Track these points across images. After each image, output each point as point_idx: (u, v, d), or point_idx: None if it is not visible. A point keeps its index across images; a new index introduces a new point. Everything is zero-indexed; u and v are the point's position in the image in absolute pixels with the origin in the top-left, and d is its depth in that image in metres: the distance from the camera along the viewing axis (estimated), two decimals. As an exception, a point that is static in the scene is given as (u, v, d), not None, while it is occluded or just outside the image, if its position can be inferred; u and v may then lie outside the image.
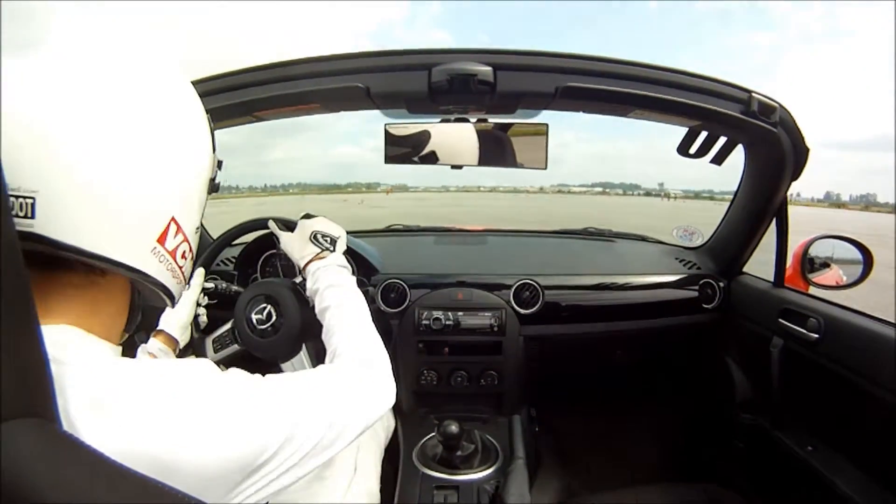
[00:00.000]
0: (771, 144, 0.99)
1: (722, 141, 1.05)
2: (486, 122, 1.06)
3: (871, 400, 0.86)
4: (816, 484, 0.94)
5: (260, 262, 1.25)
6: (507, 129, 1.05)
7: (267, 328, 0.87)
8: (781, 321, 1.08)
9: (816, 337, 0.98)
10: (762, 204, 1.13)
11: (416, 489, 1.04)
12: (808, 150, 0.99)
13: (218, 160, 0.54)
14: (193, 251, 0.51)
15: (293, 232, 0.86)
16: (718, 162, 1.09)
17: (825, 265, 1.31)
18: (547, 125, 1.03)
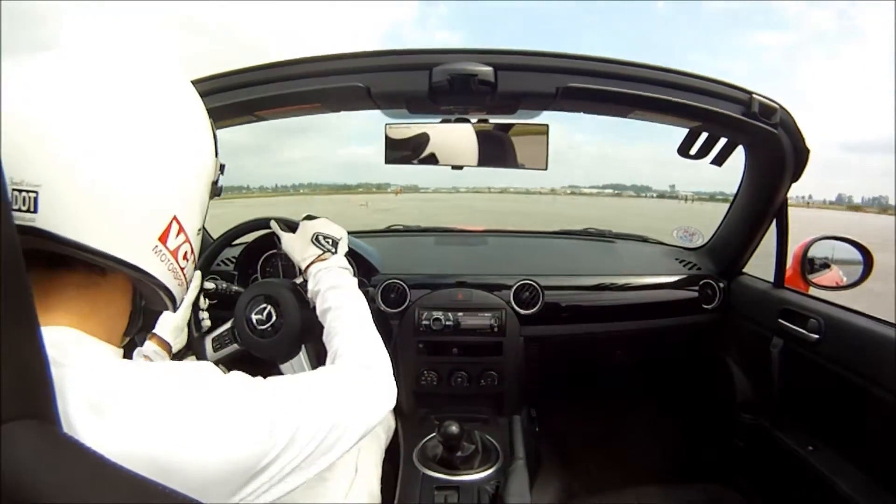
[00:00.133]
0: (771, 146, 0.99)
1: (722, 142, 1.05)
2: (486, 122, 1.05)
3: (871, 400, 0.86)
4: (817, 484, 0.94)
5: (260, 262, 1.24)
6: (507, 129, 1.05)
7: (267, 328, 0.86)
8: (781, 322, 1.08)
9: (816, 337, 0.98)
10: (762, 205, 1.13)
11: (416, 490, 1.04)
12: (808, 151, 0.99)
13: (220, 164, 0.55)
14: (195, 253, 0.51)
15: (295, 233, 0.86)
16: (719, 163, 1.09)
17: (825, 266, 1.31)
18: (547, 125, 1.03)
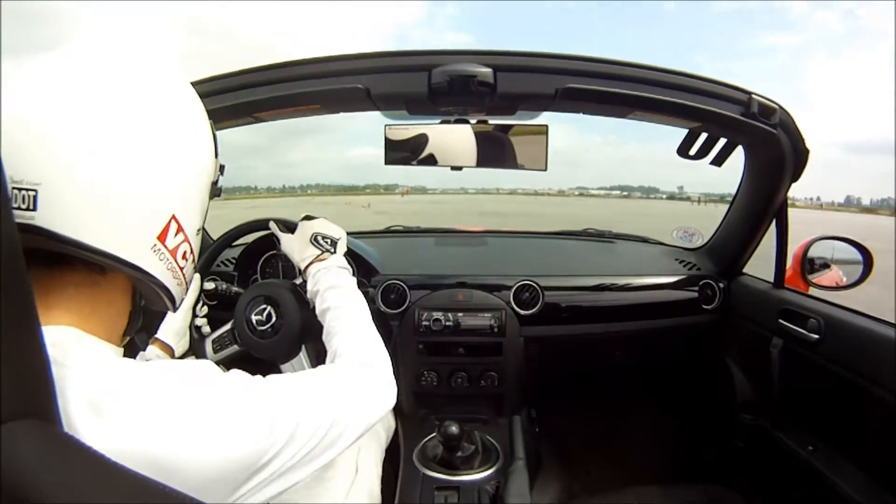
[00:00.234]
0: (771, 146, 0.99)
1: (722, 142, 1.05)
2: (486, 123, 1.06)
3: (871, 400, 0.86)
4: (817, 484, 0.94)
5: (260, 263, 1.25)
6: (507, 130, 1.05)
7: (267, 329, 0.87)
8: (781, 322, 1.08)
9: (816, 337, 0.98)
10: (762, 205, 1.13)
11: (416, 490, 1.04)
12: (808, 151, 0.99)
13: (221, 164, 0.55)
14: (195, 254, 0.51)
15: (294, 233, 0.86)
16: (718, 163, 1.09)
17: (825, 266, 1.31)
18: (546, 126, 1.03)
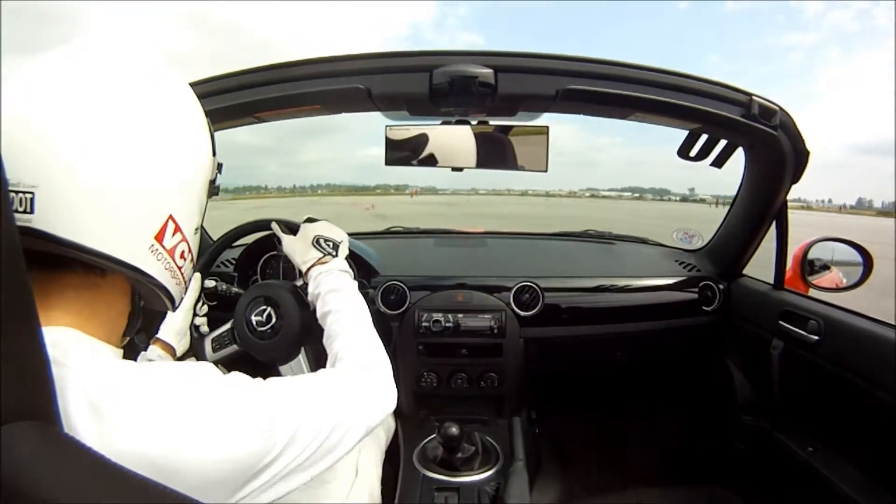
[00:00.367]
0: (771, 147, 0.99)
1: (722, 144, 1.06)
2: (486, 124, 1.06)
3: (871, 401, 0.86)
4: (817, 485, 0.94)
5: (260, 263, 1.25)
6: (507, 131, 1.05)
7: (266, 330, 0.86)
8: (781, 323, 1.08)
9: (817, 339, 0.98)
10: (762, 207, 1.13)
11: (416, 491, 1.04)
12: (808, 153, 1.00)
13: (218, 163, 0.55)
14: (193, 253, 0.51)
15: (296, 235, 0.86)
16: (719, 165, 1.09)
17: (825, 267, 1.31)
18: (547, 127, 1.04)
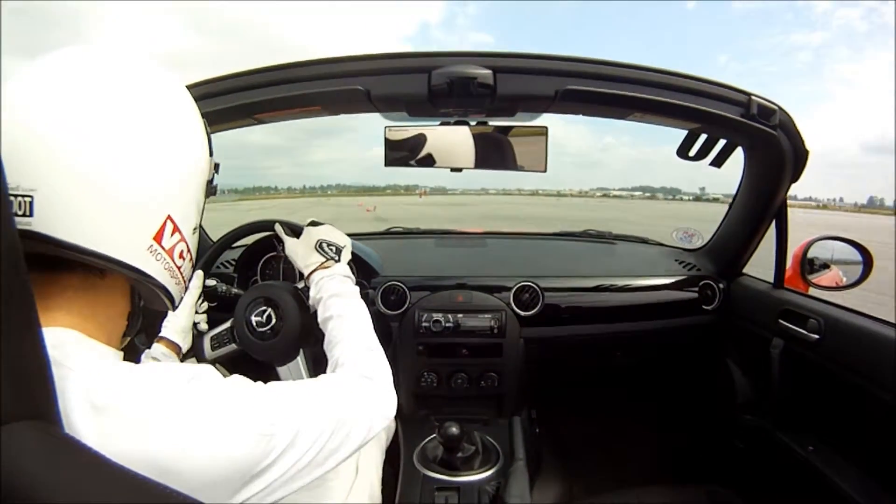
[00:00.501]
0: (771, 147, 0.99)
1: (721, 143, 1.06)
2: (485, 124, 1.06)
3: (871, 400, 0.86)
4: (817, 484, 0.94)
5: (260, 264, 1.25)
6: (506, 131, 1.05)
7: (266, 331, 0.87)
8: (781, 322, 1.08)
9: (817, 338, 0.98)
10: (762, 206, 1.13)
11: (416, 491, 1.04)
12: (807, 152, 0.99)
13: (215, 163, 0.55)
14: (192, 253, 0.52)
15: (299, 238, 0.86)
16: (718, 164, 1.09)
17: (825, 266, 1.31)
18: (546, 127, 1.04)
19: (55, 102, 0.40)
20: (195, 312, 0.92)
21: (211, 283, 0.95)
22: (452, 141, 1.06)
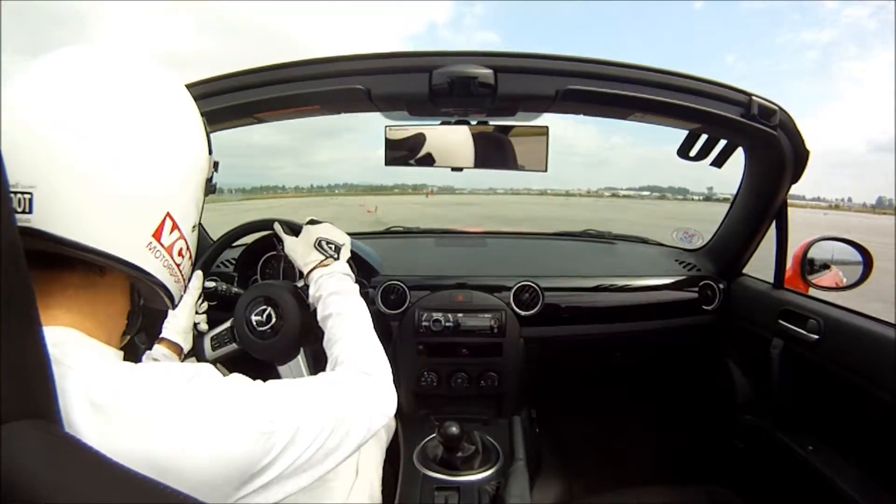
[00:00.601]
0: (771, 147, 0.99)
1: (722, 144, 1.06)
2: (486, 124, 1.06)
3: (871, 400, 0.86)
4: (817, 484, 0.94)
5: (260, 263, 1.25)
6: (507, 131, 1.05)
7: (266, 330, 0.87)
8: (781, 322, 1.08)
9: (816, 338, 0.98)
10: (762, 206, 1.13)
11: (416, 490, 1.04)
12: (808, 152, 1.00)
13: (214, 161, 0.55)
14: (191, 251, 0.52)
15: (298, 236, 0.86)
16: (719, 164, 1.09)
17: (825, 267, 1.31)
18: (547, 127, 1.04)
19: (55, 101, 0.40)
20: (195, 313, 0.92)
21: (210, 284, 0.95)
22: (452, 140, 1.06)
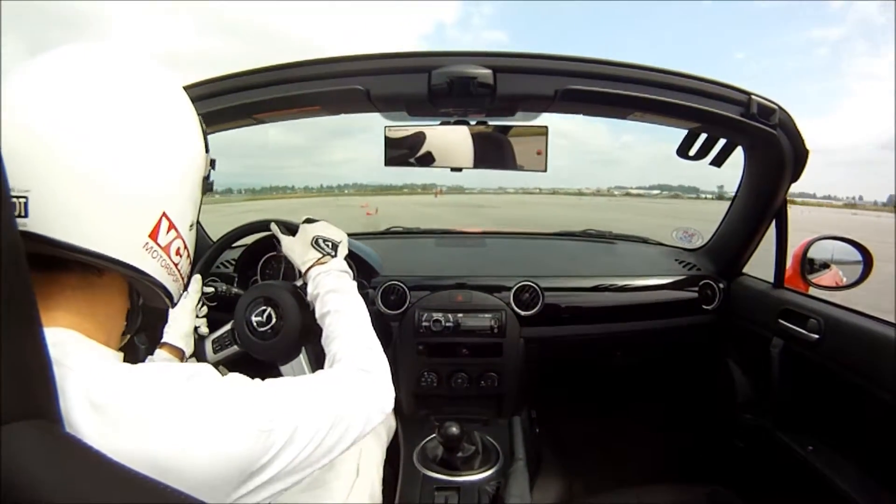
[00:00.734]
0: (770, 146, 0.99)
1: (721, 143, 1.06)
2: (485, 124, 1.06)
3: (871, 400, 0.86)
4: (817, 484, 0.94)
5: (260, 264, 1.25)
6: (506, 131, 1.05)
7: (266, 330, 0.87)
8: (781, 322, 1.08)
9: (816, 337, 0.98)
10: (762, 205, 1.13)
11: (416, 490, 1.04)
12: (807, 151, 0.99)
13: (211, 159, 0.55)
14: (189, 249, 0.52)
15: (295, 235, 0.86)
16: (718, 164, 1.09)
17: (825, 266, 1.31)
18: (546, 127, 1.03)
19: (52, 101, 0.40)
20: (195, 317, 0.92)
21: (210, 289, 0.95)
22: (451, 140, 1.06)
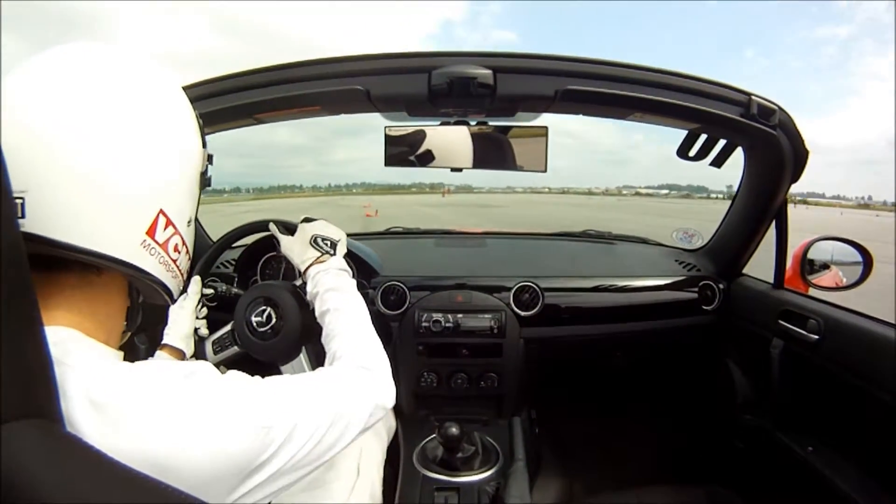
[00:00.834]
0: (770, 147, 0.99)
1: (721, 143, 1.06)
2: (485, 124, 1.06)
3: (871, 401, 0.86)
4: (817, 485, 0.94)
5: (260, 264, 1.25)
6: (506, 131, 1.05)
7: (267, 331, 0.87)
8: (781, 322, 1.08)
9: (816, 338, 0.98)
10: (762, 206, 1.13)
11: (416, 491, 1.04)
12: (807, 152, 1.00)
13: (208, 154, 0.55)
14: (188, 245, 0.52)
15: (293, 235, 0.86)
16: (718, 164, 1.09)
17: (825, 267, 1.31)
18: (546, 127, 1.04)
19: (51, 101, 0.40)
20: (195, 318, 0.92)
21: (209, 291, 0.95)
22: (451, 140, 1.06)
